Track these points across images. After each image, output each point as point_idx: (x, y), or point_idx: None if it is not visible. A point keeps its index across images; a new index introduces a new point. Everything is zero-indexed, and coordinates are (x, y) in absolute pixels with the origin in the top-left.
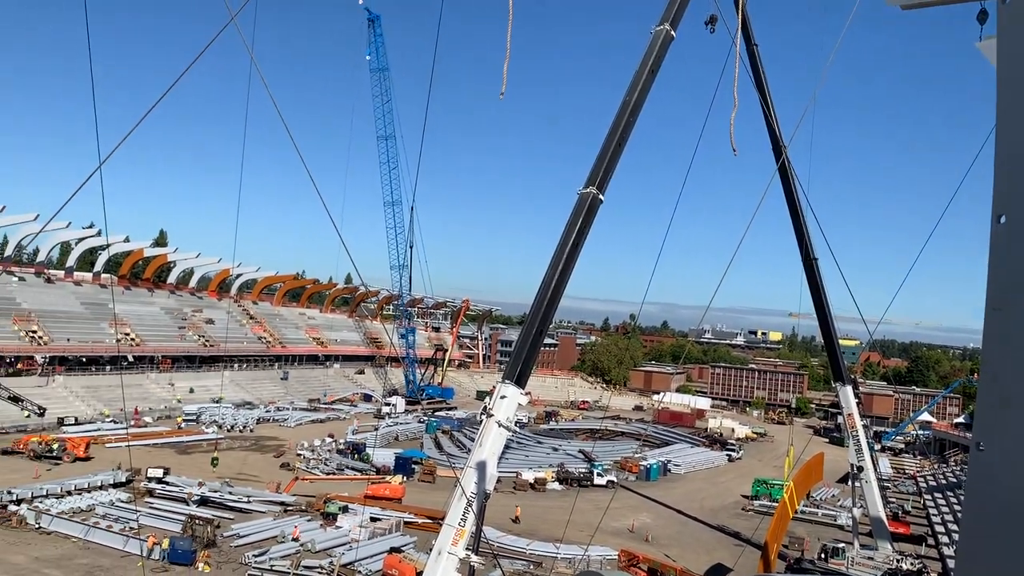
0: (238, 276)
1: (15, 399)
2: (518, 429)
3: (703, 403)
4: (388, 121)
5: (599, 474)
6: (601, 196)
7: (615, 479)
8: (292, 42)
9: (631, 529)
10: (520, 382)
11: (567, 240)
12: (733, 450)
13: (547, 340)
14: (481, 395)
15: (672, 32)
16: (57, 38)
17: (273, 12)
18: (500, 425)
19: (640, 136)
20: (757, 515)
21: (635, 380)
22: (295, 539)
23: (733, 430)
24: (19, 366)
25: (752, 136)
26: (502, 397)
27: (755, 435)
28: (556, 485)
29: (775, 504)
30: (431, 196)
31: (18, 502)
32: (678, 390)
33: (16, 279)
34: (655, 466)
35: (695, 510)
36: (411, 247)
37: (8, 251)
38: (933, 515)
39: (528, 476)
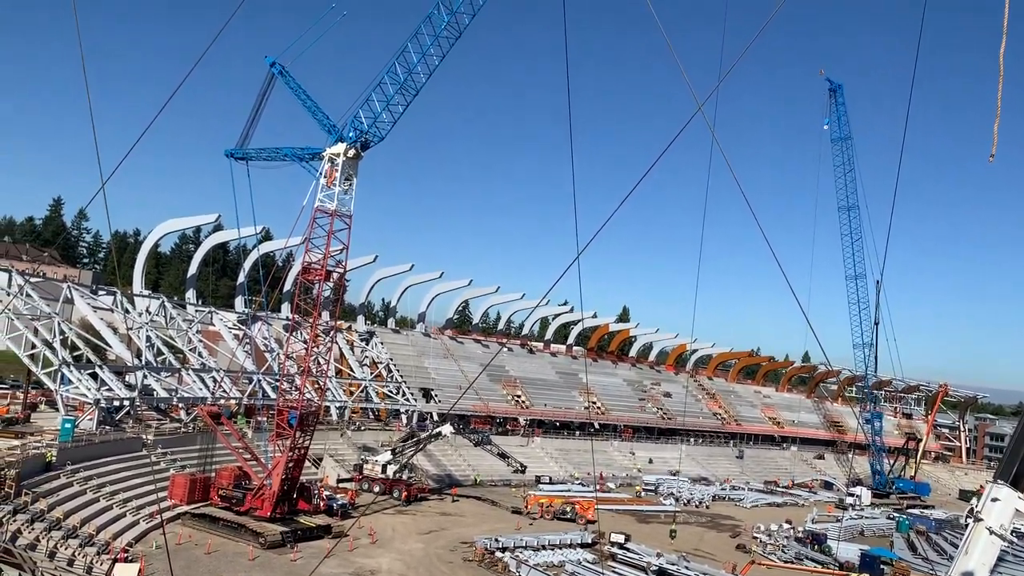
0: (694, 351)
1: (503, 455)
2: (1015, 539)
3: None
4: (851, 191)
5: None
6: None
7: None
8: (752, 120)
9: None
10: (1018, 484)
11: None
12: None
13: None
14: (965, 494)
15: None
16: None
17: (733, 93)
18: (992, 532)
19: None
20: None
21: None
22: None
23: None
24: (507, 426)
25: None
26: (994, 499)
27: None
28: None
29: None
30: (901, 268)
31: (503, 550)
32: None
33: (506, 350)
34: None
35: None
36: (877, 324)
37: (500, 325)
38: None
39: None
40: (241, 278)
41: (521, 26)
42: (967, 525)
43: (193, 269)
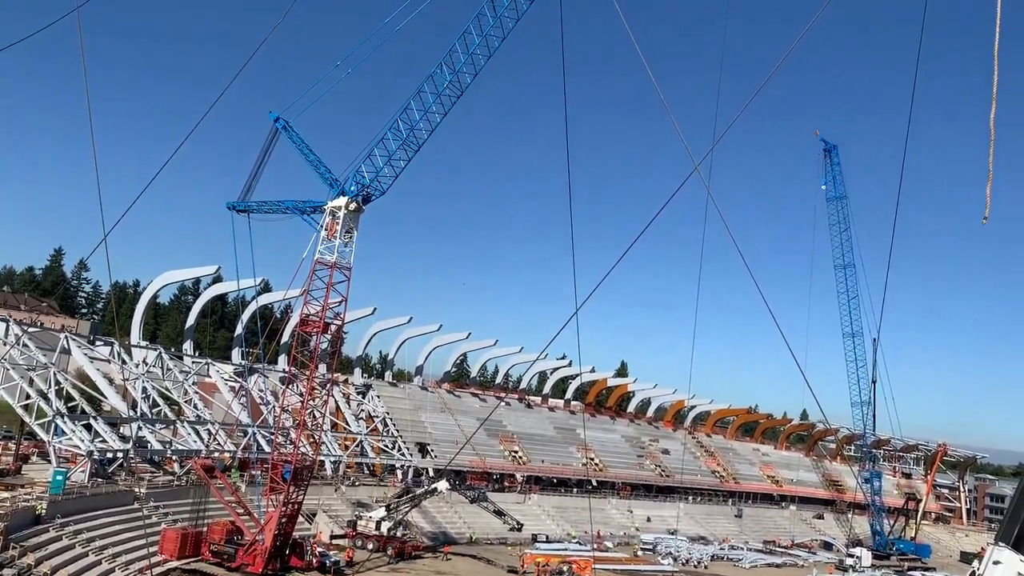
0: (692, 408)
1: (499, 513)
2: None
3: None
4: (847, 250)
5: None
6: None
7: None
8: (748, 173)
9: None
10: (1019, 546)
11: None
12: None
13: None
14: (966, 556)
15: None
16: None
17: (729, 148)
18: None
19: None
20: None
21: None
22: None
23: None
24: (504, 483)
25: None
26: (995, 562)
27: None
28: None
29: None
30: (898, 326)
31: None
32: None
33: (504, 404)
34: None
35: None
36: (875, 382)
37: (498, 379)
38: None
39: None
40: (239, 330)
41: (517, 80)
42: None
43: (191, 320)
